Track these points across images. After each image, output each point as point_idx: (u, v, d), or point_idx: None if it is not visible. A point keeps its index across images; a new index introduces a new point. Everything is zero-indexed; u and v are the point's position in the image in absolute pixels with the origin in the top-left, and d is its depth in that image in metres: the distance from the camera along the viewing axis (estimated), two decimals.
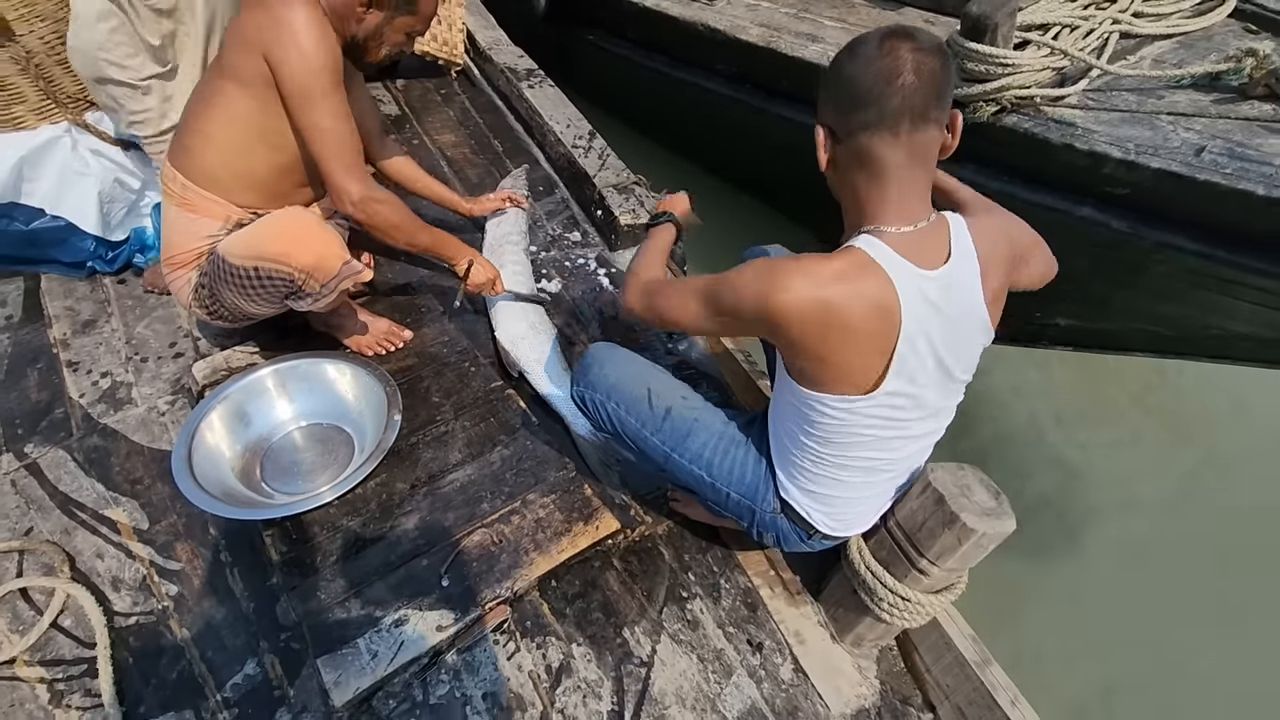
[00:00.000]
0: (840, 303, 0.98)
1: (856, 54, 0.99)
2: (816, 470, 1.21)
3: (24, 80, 1.75)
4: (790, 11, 2.66)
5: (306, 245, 1.47)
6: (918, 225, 1.03)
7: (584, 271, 2.16)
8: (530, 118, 2.67)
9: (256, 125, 1.45)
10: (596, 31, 3.13)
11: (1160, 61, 2.08)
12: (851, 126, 1.00)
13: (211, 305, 1.57)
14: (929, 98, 0.95)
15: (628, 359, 1.38)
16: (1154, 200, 1.87)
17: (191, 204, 1.50)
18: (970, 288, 1.06)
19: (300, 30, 1.34)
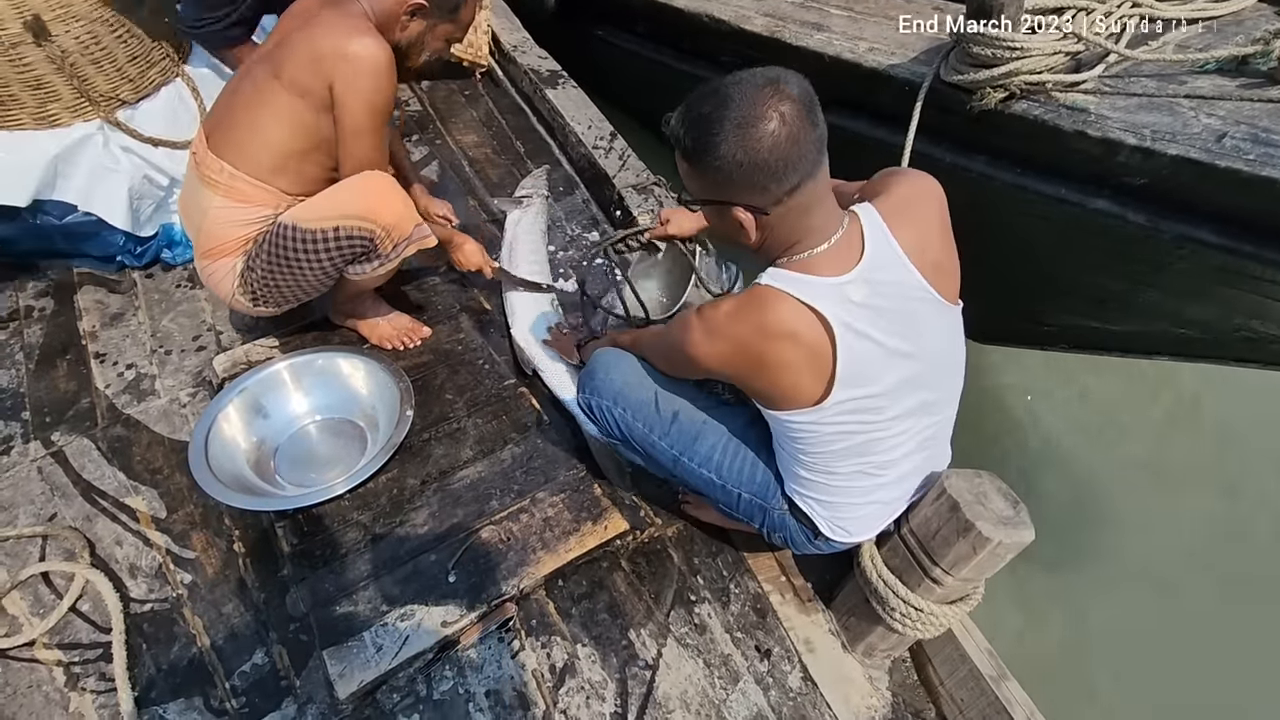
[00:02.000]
0: (747, 342, 0.97)
1: (751, 137, 0.88)
2: (809, 475, 1.11)
3: (59, 79, 1.67)
4: (796, 1, 2.49)
5: (389, 204, 1.43)
6: (833, 239, 0.98)
7: (602, 271, 2.03)
8: (552, 119, 2.54)
9: (313, 133, 1.39)
10: (605, 26, 3.00)
11: (1184, 46, 1.89)
12: (777, 197, 0.93)
13: (260, 288, 1.47)
14: (821, 135, 0.92)
15: (631, 364, 1.26)
16: (1173, 190, 1.69)
17: (241, 193, 1.41)
18: (897, 268, 0.98)
19: (373, 75, 1.32)
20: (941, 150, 2.05)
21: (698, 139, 0.91)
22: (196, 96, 1.86)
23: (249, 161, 1.39)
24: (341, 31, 1.31)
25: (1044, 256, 2.11)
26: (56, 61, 1.61)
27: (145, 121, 1.78)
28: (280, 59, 1.34)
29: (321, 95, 1.34)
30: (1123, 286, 2.00)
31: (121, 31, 1.70)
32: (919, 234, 1.00)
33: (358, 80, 1.32)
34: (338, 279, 1.52)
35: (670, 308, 1.70)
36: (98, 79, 1.69)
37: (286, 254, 1.41)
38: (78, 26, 1.63)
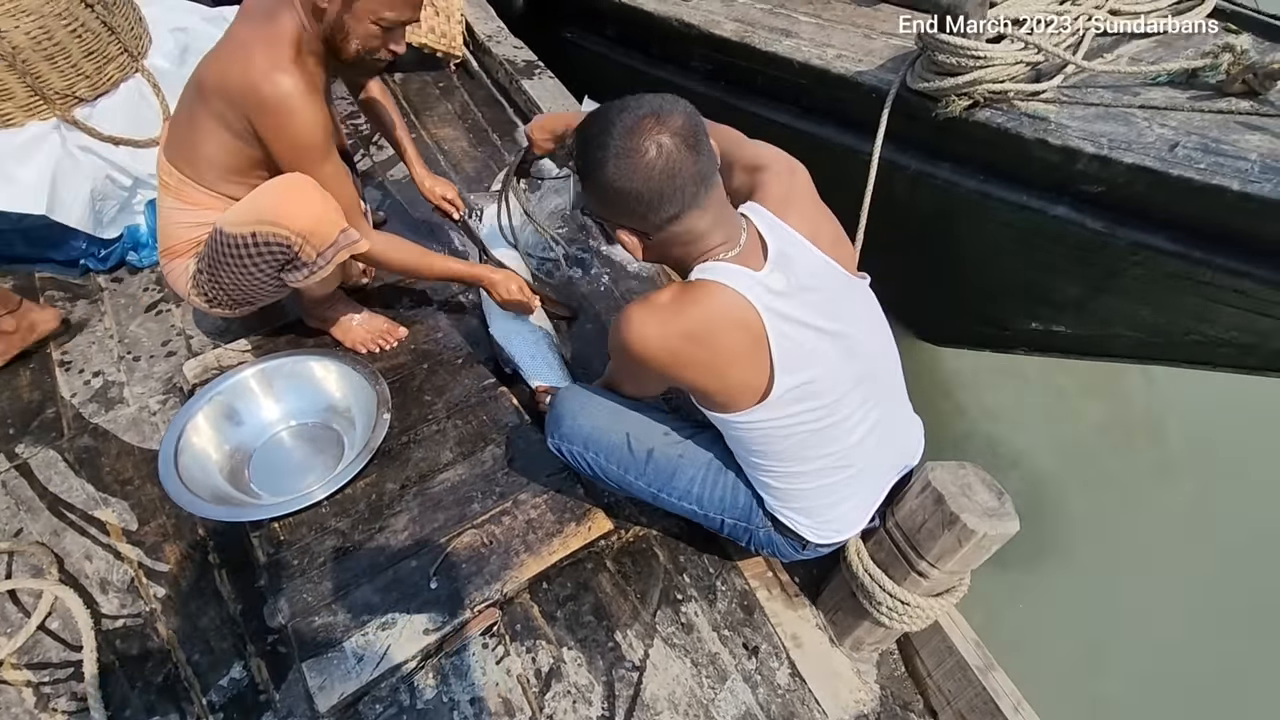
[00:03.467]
0: (694, 330, 0.95)
1: (628, 167, 0.89)
2: (779, 484, 1.09)
3: (11, 76, 1.56)
4: (765, 7, 2.46)
5: (303, 207, 1.29)
6: (741, 242, 0.98)
7: (581, 264, 1.98)
8: (529, 110, 2.47)
9: (246, 155, 1.30)
10: (573, 29, 2.92)
11: (1138, 59, 1.92)
12: (659, 222, 0.94)
13: (210, 291, 1.39)
14: (705, 167, 0.91)
15: (599, 404, 1.21)
16: (1129, 198, 1.71)
17: (190, 197, 1.34)
18: (803, 254, 1.00)
19: (281, 110, 1.20)
20: (907, 157, 2.05)
21: (585, 162, 0.93)
22: (158, 93, 1.75)
23: (195, 170, 1.33)
24: (246, 57, 1.18)
25: (1006, 262, 2.13)
26: (7, 58, 1.49)
27: (104, 119, 1.67)
28: (208, 91, 1.23)
29: (247, 128, 1.25)
30: (1080, 291, 2.02)
31: (76, 26, 1.58)
32: (808, 219, 1.03)
33: (269, 117, 1.21)
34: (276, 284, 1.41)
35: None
36: (52, 76, 1.58)
37: (219, 259, 1.34)
38: (28, 21, 1.51)
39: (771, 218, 1.01)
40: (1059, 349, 2.28)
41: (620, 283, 1.94)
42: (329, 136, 1.29)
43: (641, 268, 1.99)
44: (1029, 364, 2.82)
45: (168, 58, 1.82)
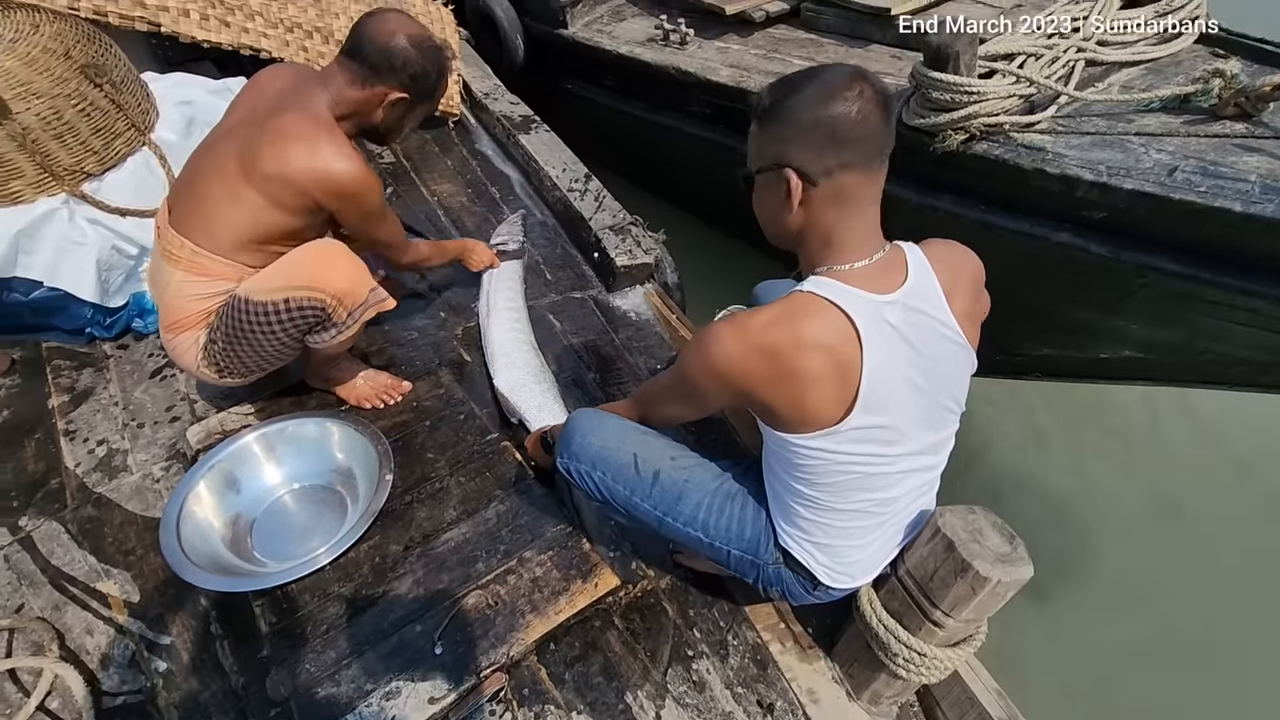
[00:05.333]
0: (781, 350, 0.93)
1: (830, 98, 0.91)
2: (810, 515, 1.08)
3: (21, 156, 1.63)
4: (760, 52, 2.55)
5: (338, 271, 1.39)
6: (874, 257, 0.98)
7: (583, 315, 2.02)
8: (527, 163, 2.55)
9: (284, 227, 1.38)
10: (574, 81, 3.04)
11: (1129, 87, 1.96)
12: (831, 166, 0.93)
13: (223, 360, 1.43)
14: (890, 136, 0.94)
15: (611, 424, 1.23)
16: (1132, 222, 1.74)
17: (203, 268, 1.38)
18: (935, 304, 0.99)
19: (359, 192, 1.36)
20: (908, 190, 2.09)
21: (777, 96, 0.95)
22: (164, 164, 1.83)
23: (211, 240, 1.36)
24: (312, 148, 1.30)
25: (1012, 289, 2.13)
26: (18, 139, 1.57)
27: (112, 192, 1.74)
28: (249, 159, 1.31)
29: (304, 207, 1.35)
30: (1090, 315, 2.04)
31: (85, 105, 1.67)
32: (957, 282, 1.02)
33: (349, 201, 1.36)
34: (303, 346, 1.49)
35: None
36: (60, 153, 1.65)
37: (242, 327, 1.37)
38: (39, 103, 1.59)
39: (923, 259, 1.01)
40: (1075, 373, 2.28)
41: (620, 330, 1.97)
42: (383, 197, 1.46)
43: (641, 315, 2.02)
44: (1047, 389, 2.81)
45: (174, 130, 1.91)
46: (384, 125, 1.43)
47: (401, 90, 1.37)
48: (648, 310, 2.05)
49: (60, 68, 1.63)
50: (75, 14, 1.83)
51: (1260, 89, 1.66)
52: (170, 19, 2.01)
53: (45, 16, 1.71)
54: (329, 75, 1.38)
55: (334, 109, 1.36)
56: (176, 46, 2.15)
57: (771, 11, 2.60)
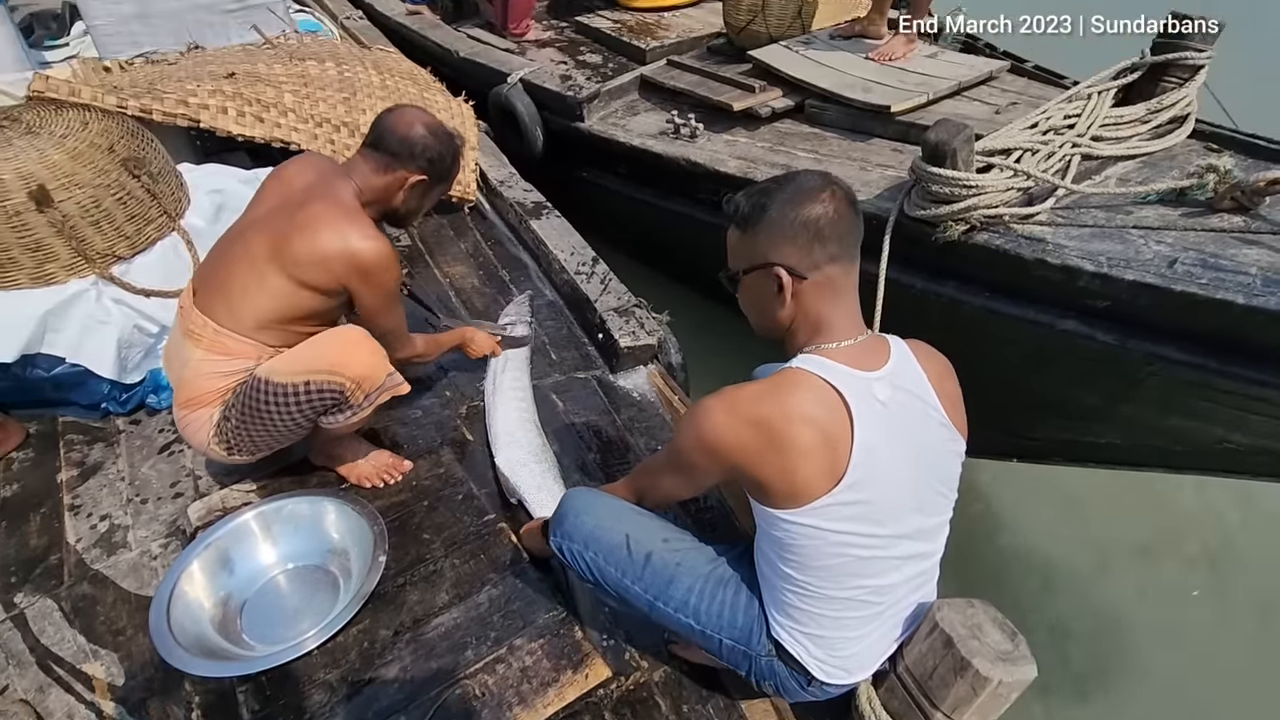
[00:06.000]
0: (770, 422, 0.98)
1: (807, 201, 1.01)
2: (803, 605, 1.07)
3: (59, 241, 1.75)
4: (766, 145, 2.68)
5: (359, 356, 1.47)
6: (858, 339, 1.05)
7: (586, 396, 2.06)
8: (537, 247, 2.66)
9: (307, 308, 1.46)
10: (590, 169, 3.20)
11: (1125, 180, 2.03)
12: (818, 260, 1.02)
13: (235, 438, 1.48)
14: (860, 231, 1.04)
15: (605, 504, 1.25)
16: (1136, 312, 1.76)
17: (224, 347, 1.45)
18: (920, 386, 1.05)
19: (383, 270, 1.46)
20: (913, 277, 2.14)
21: (757, 203, 1.04)
22: (191, 249, 1.94)
23: (234, 319, 1.44)
24: (342, 232, 1.41)
25: (1021, 374, 2.16)
26: (57, 226, 1.69)
27: (139, 275, 1.86)
28: (278, 245, 1.41)
29: (330, 287, 1.44)
30: (1101, 402, 2.03)
31: (122, 194, 1.80)
32: (938, 373, 1.08)
33: (370, 279, 1.45)
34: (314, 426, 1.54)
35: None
36: (95, 238, 1.77)
37: (259, 406, 1.43)
38: (80, 193, 1.73)
39: (904, 346, 1.08)
40: (1091, 459, 2.26)
41: (622, 411, 2.00)
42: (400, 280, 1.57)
43: (644, 396, 2.05)
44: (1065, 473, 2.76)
45: (203, 216, 2.04)
46: (404, 207, 1.55)
47: (421, 173, 1.50)
48: (650, 391, 2.08)
49: (104, 161, 1.77)
50: (123, 112, 2.00)
51: (1255, 184, 1.72)
52: (209, 115, 2.18)
53: (95, 114, 1.87)
54: (353, 166, 1.51)
55: (359, 196, 1.49)
56: (213, 138, 2.33)
57: (777, 108, 2.75)
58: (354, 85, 2.66)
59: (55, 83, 1.97)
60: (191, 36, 2.93)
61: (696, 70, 3.08)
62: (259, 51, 2.82)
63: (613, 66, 3.48)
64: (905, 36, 2.89)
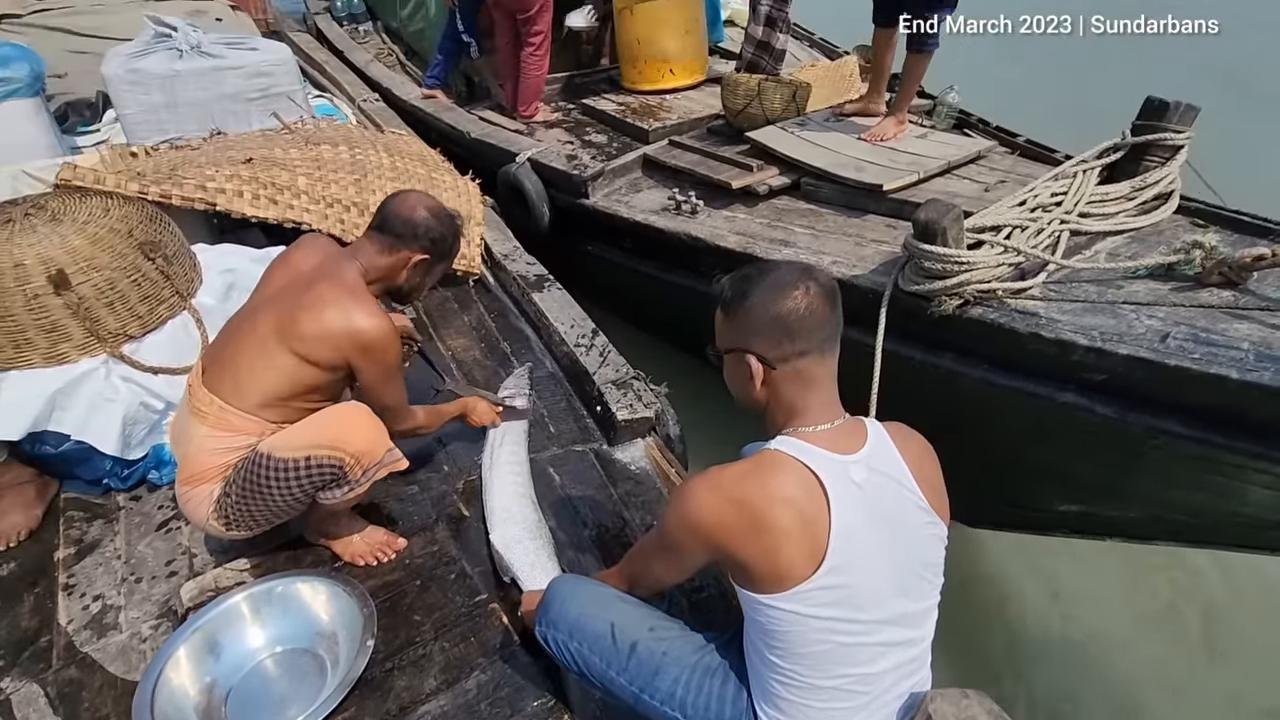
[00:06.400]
0: (752, 502, 1.00)
1: (781, 297, 1.05)
2: (790, 695, 1.06)
3: (73, 322, 1.82)
4: (764, 221, 2.77)
5: (360, 432, 1.51)
6: (835, 423, 1.08)
7: (583, 469, 2.07)
8: (538, 319, 2.72)
9: (311, 383, 1.51)
10: (595, 243, 3.30)
11: (1115, 255, 2.08)
12: (788, 354, 1.06)
13: (234, 513, 1.51)
14: (836, 324, 1.08)
15: (591, 592, 1.25)
16: (1133, 386, 1.77)
17: (228, 424, 1.49)
18: (897, 469, 1.07)
19: (385, 348, 1.52)
20: (911, 349, 2.18)
21: (737, 291, 1.09)
22: (200, 327, 2.01)
23: (240, 397, 1.49)
24: (346, 310, 1.47)
25: (1023, 445, 2.16)
26: (73, 308, 1.77)
27: (149, 353, 1.92)
28: (286, 324, 1.47)
29: (334, 363, 1.50)
30: (1105, 474, 2.02)
31: (137, 277, 1.89)
32: (916, 457, 1.10)
33: (372, 355, 1.51)
34: (311, 502, 1.56)
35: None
36: (109, 319, 1.85)
37: (260, 481, 1.46)
38: (97, 276, 1.81)
39: (881, 430, 1.11)
40: (1100, 531, 2.24)
41: (618, 484, 2.01)
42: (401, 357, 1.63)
43: (641, 469, 2.06)
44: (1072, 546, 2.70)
45: (214, 295, 2.12)
46: (408, 285, 1.64)
47: (424, 253, 1.60)
48: (647, 464, 2.09)
49: (122, 245, 1.87)
50: (144, 197, 2.12)
51: (1241, 259, 1.75)
52: (225, 199, 2.30)
53: (117, 201, 1.98)
54: (358, 248, 1.59)
55: (364, 275, 1.56)
56: (229, 216, 2.44)
57: (774, 186, 2.86)
58: (365, 167, 2.79)
59: (82, 171, 2.10)
60: (214, 123, 3.11)
61: (697, 150, 3.21)
62: (277, 136, 2.98)
63: (617, 146, 3.63)
64: (895, 118, 3.02)
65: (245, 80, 3.14)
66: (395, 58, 5.20)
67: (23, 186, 2.42)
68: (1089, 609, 2.62)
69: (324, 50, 5.30)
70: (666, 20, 3.98)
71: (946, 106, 3.30)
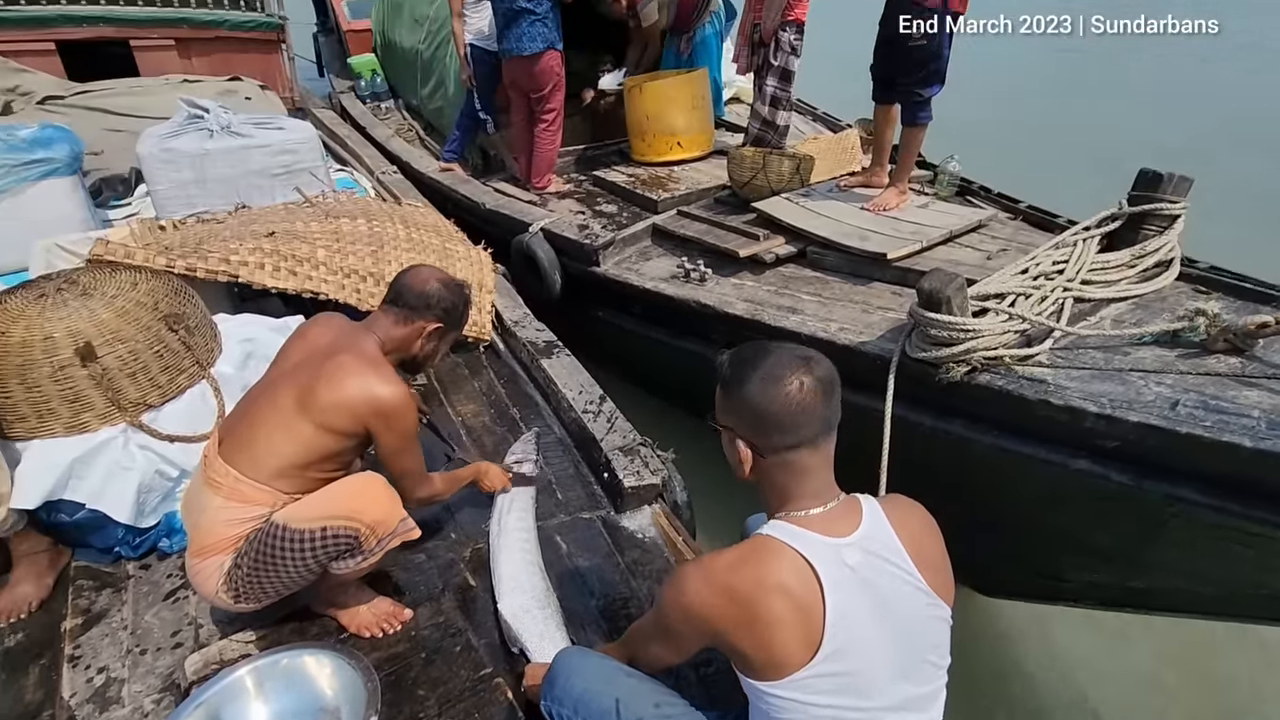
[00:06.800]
0: (744, 591, 1.00)
1: (770, 390, 1.06)
2: None
3: (96, 392, 1.86)
4: (771, 288, 2.83)
5: (376, 502, 1.56)
6: (829, 505, 1.08)
7: (590, 537, 2.07)
8: (546, 385, 2.76)
9: (327, 451, 1.56)
10: (606, 309, 3.37)
11: (1120, 321, 2.10)
12: (775, 446, 1.07)
13: (244, 585, 1.52)
14: (831, 415, 1.07)
15: (597, 666, 1.25)
16: (1146, 453, 1.77)
17: (242, 494, 1.53)
18: (893, 550, 1.06)
19: (404, 415, 1.58)
20: (921, 414, 2.19)
21: (732, 374, 1.11)
22: (218, 395, 2.07)
23: (255, 467, 1.52)
24: (366, 379, 1.54)
25: (1038, 512, 2.14)
26: (97, 378, 1.83)
27: (167, 422, 1.96)
28: (306, 395, 1.53)
29: (352, 430, 1.55)
30: (1126, 543, 1.99)
31: (160, 348, 1.95)
32: (915, 535, 1.09)
33: (391, 421, 1.56)
34: (321, 573, 1.57)
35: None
36: (130, 389, 1.90)
37: (273, 552, 1.48)
38: (122, 348, 1.87)
39: (878, 509, 1.10)
40: (1124, 603, 2.19)
41: (626, 553, 2.01)
42: (417, 425, 1.70)
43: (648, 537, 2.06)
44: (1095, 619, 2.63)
45: (232, 364, 2.18)
46: (422, 354, 1.72)
47: (437, 321, 1.69)
48: (654, 532, 2.09)
49: (148, 318, 1.94)
50: (170, 270, 2.22)
51: (1246, 327, 1.77)
52: (248, 271, 2.40)
53: (145, 275, 2.07)
54: (374, 321, 1.68)
55: (382, 347, 1.65)
56: (248, 286, 2.54)
57: (781, 254, 2.94)
58: (382, 239, 2.91)
59: (113, 247, 2.21)
60: (240, 197, 3.27)
61: (705, 220, 3.33)
62: (299, 210, 3.12)
63: (627, 216, 3.76)
64: (897, 188, 3.13)
65: (271, 157, 3.32)
66: (415, 133, 5.45)
67: (56, 260, 2.55)
68: (1109, 682, 2.52)
69: (346, 125, 5.58)
70: (674, 98, 4.18)
71: (948, 175, 3.42)
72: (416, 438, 1.67)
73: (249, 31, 5.76)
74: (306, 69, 7.39)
